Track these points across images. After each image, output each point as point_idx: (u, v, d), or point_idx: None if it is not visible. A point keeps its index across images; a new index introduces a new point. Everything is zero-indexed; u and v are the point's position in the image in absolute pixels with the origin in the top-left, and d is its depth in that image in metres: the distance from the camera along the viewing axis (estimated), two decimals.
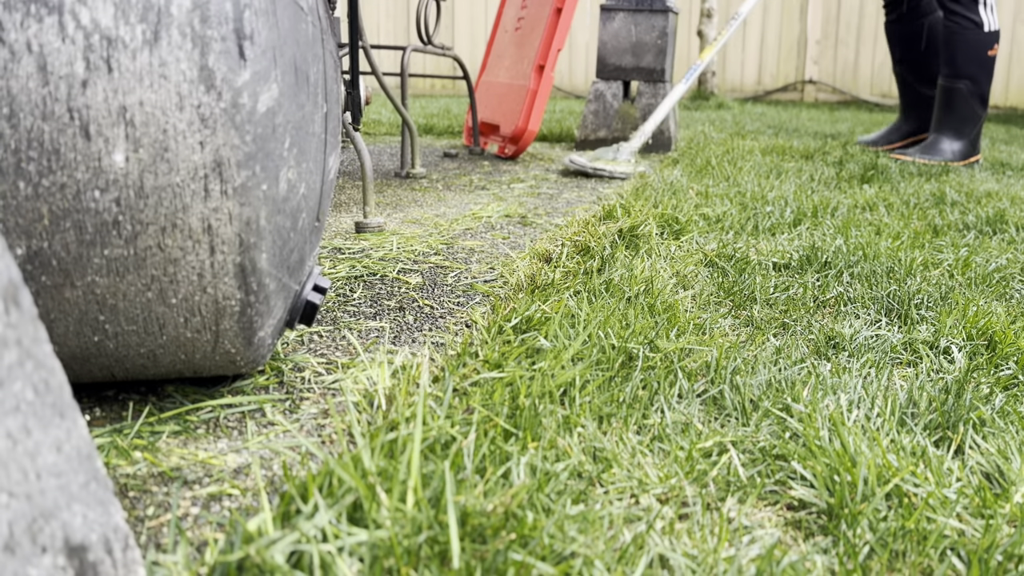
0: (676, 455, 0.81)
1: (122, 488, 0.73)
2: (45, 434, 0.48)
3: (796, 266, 1.62)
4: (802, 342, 1.18)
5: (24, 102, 0.70)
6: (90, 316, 0.78)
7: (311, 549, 0.58)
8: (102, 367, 0.84)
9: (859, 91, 8.81)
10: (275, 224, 0.80)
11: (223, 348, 0.83)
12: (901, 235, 1.94)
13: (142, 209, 0.73)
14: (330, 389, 0.96)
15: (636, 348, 1.05)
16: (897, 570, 0.65)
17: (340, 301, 1.30)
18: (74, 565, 0.49)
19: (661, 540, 0.66)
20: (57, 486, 0.48)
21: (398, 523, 0.62)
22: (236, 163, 0.74)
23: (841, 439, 0.80)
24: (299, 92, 0.84)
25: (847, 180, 2.86)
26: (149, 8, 0.71)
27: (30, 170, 0.71)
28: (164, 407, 0.90)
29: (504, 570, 0.59)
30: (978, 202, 2.46)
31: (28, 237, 0.73)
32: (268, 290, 0.82)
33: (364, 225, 1.80)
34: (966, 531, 0.69)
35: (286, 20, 0.80)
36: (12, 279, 0.47)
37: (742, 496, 0.75)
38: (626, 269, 1.43)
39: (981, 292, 1.49)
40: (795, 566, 0.62)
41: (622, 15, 3.59)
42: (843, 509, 0.71)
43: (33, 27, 0.69)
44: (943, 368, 1.10)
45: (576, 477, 0.76)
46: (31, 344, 0.48)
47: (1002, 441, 0.85)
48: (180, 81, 0.72)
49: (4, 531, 0.44)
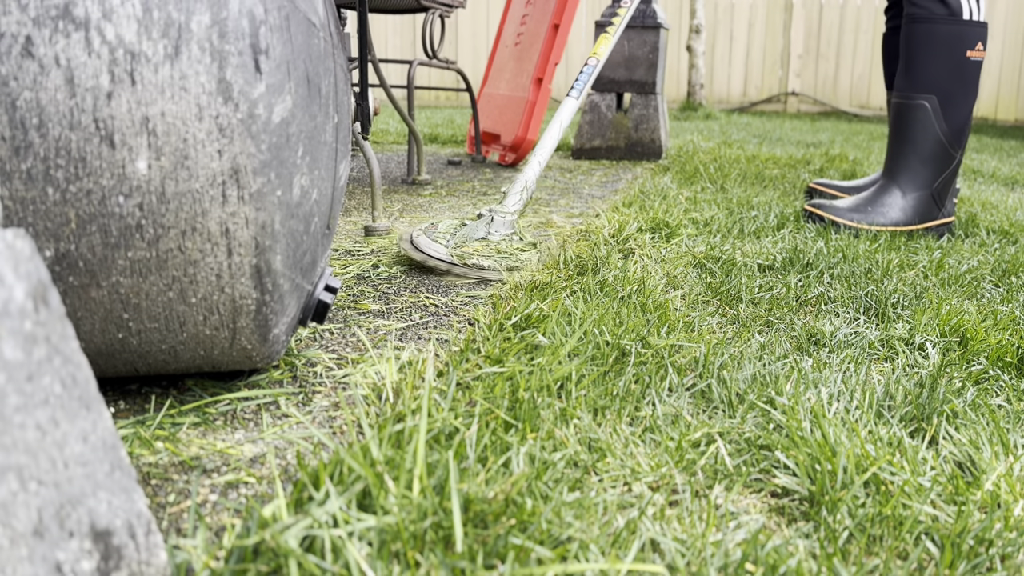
0: (667, 445, 0.81)
1: (145, 476, 0.73)
2: (72, 425, 0.48)
3: (779, 267, 1.62)
4: (785, 339, 1.18)
5: (53, 113, 0.69)
6: (115, 314, 0.78)
7: (323, 534, 0.58)
8: (126, 362, 0.84)
9: (839, 102, 8.81)
10: (289, 228, 0.80)
11: (240, 344, 0.83)
12: (878, 238, 1.94)
13: (164, 214, 0.73)
14: (340, 383, 0.96)
15: (629, 344, 1.05)
16: (875, 554, 0.65)
17: (350, 300, 1.30)
18: (99, 549, 0.49)
19: (652, 525, 0.66)
20: (83, 474, 0.48)
21: (404, 509, 0.62)
22: (252, 170, 0.74)
23: (822, 430, 0.80)
24: (311, 103, 0.84)
25: None
26: (170, 24, 0.71)
27: (58, 177, 0.71)
28: (184, 400, 0.90)
29: (504, 553, 0.59)
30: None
31: (56, 240, 0.73)
32: (282, 290, 0.82)
33: (373, 228, 1.80)
34: (940, 517, 0.69)
35: (299, 36, 0.80)
36: (41, 279, 0.47)
37: (729, 484, 0.75)
38: (619, 270, 1.42)
39: (954, 292, 1.49)
40: (779, 550, 0.62)
41: None
42: (824, 496, 0.71)
43: (61, 42, 0.69)
44: (918, 363, 1.10)
45: (572, 466, 0.76)
46: (59, 341, 0.48)
47: (973, 432, 0.85)
48: (199, 93, 0.72)
49: (34, 517, 0.44)
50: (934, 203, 2.04)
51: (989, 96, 8.22)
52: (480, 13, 9.15)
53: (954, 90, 1.96)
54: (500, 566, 0.58)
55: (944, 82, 1.95)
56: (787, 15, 8.81)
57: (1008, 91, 8.15)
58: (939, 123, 1.95)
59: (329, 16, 0.92)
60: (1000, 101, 8.19)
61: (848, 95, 8.79)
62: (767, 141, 4.84)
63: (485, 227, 1.63)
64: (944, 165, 2.00)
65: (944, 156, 1.99)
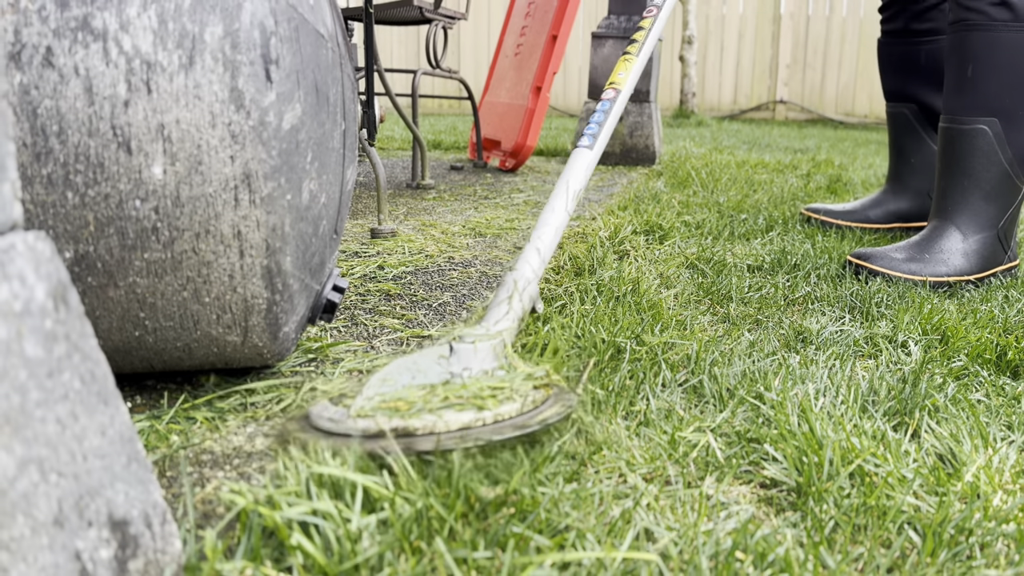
0: (660, 438, 0.81)
1: (160, 468, 0.73)
2: (91, 419, 0.48)
3: (768, 268, 1.62)
4: (774, 337, 1.18)
5: (72, 120, 0.69)
6: (131, 313, 0.78)
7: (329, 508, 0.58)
8: (142, 359, 0.84)
9: (825, 110, 8.80)
10: (298, 230, 0.80)
11: (251, 342, 0.83)
12: (862, 240, 1.94)
13: (178, 217, 0.73)
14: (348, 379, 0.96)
15: (624, 342, 1.05)
16: (859, 542, 0.65)
17: (357, 299, 1.30)
18: (117, 538, 0.49)
19: (647, 515, 0.66)
20: (101, 466, 0.48)
21: (409, 502, 0.62)
22: (263, 175, 0.74)
23: (809, 424, 0.80)
24: (320, 111, 0.84)
25: (814, 191, 2.86)
26: (185, 35, 0.71)
27: (77, 181, 0.71)
28: (198, 395, 0.90)
29: (504, 542, 0.59)
30: None
31: (76, 242, 0.73)
32: (292, 290, 0.82)
33: (379, 231, 1.80)
34: (922, 507, 0.69)
35: (308, 46, 0.80)
36: (61, 280, 0.47)
37: (719, 475, 0.75)
38: (615, 271, 1.42)
39: (935, 291, 1.49)
40: (767, 539, 0.62)
41: (611, 42, 3.59)
42: (811, 487, 0.71)
43: (80, 52, 0.69)
44: (901, 360, 1.10)
45: (570, 458, 0.76)
46: (78, 338, 0.48)
47: (954, 426, 0.85)
48: (213, 101, 0.72)
49: (54, 507, 0.44)
50: (1000, 245, 1.59)
51: None
52: (482, 25, 9.15)
53: (1019, 109, 1.52)
54: (501, 554, 0.58)
55: (1007, 101, 1.52)
56: (775, 27, 8.81)
57: None
58: (1003, 150, 1.52)
59: (337, 27, 0.92)
60: None
61: (834, 103, 8.79)
62: (756, 147, 4.83)
63: (443, 368, 0.84)
64: (1011, 199, 1.56)
65: (1010, 189, 1.55)
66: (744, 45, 8.93)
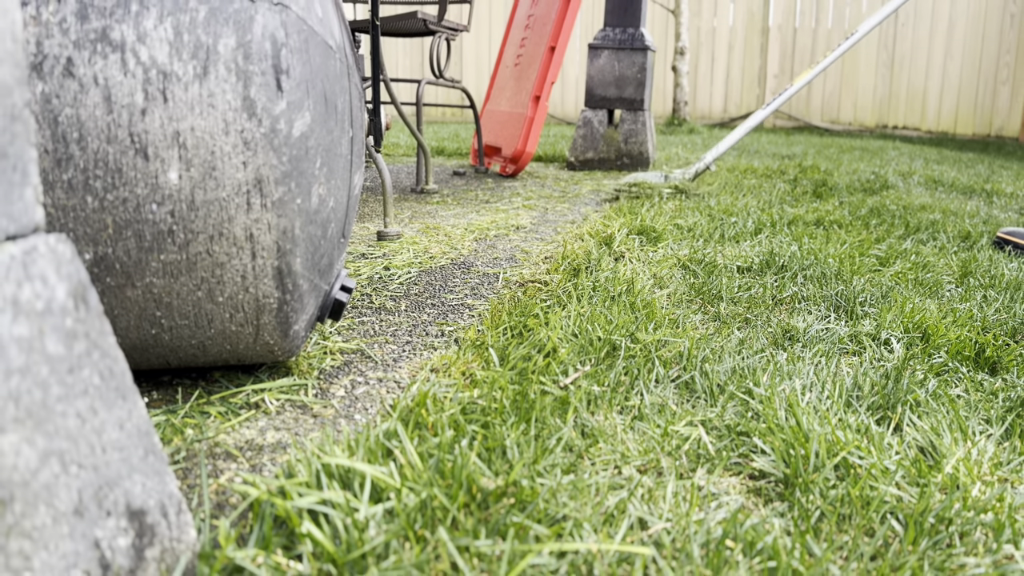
0: (653, 432, 0.81)
1: (175, 460, 0.73)
2: (109, 414, 0.48)
3: (757, 269, 1.62)
4: (762, 335, 1.18)
5: (91, 128, 0.69)
6: (148, 312, 0.78)
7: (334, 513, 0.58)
8: (158, 356, 0.84)
9: (811, 118, 8.80)
10: (308, 233, 0.80)
11: (263, 340, 0.83)
12: (846, 241, 1.94)
13: (193, 220, 0.73)
14: (358, 377, 0.96)
15: (619, 340, 1.05)
16: (844, 531, 0.65)
17: (364, 299, 1.30)
18: (134, 527, 0.49)
19: (641, 505, 0.66)
20: (120, 459, 0.48)
21: (415, 492, 0.62)
22: (274, 180, 0.74)
23: (796, 418, 0.80)
24: (328, 119, 0.84)
25: (801, 195, 2.86)
26: (199, 46, 0.71)
27: (96, 186, 0.71)
28: (212, 391, 0.90)
29: (505, 531, 0.59)
30: (914, 214, 2.45)
31: (95, 244, 0.73)
32: (302, 290, 0.82)
33: (385, 234, 1.80)
34: (904, 497, 0.69)
35: (317, 57, 0.80)
36: (81, 280, 0.47)
37: (710, 467, 0.75)
38: (610, 272, 1.42)
39: (917, 291, 1.49)
40: (756, 528, 0.62)
41: (607, 53, 3.59)
42: (798, 478, 0.71)
43: (99, 63, 0.69)
44: (884, 357, 1.10)
45: (567, 451, 0.76)
46: (97, 336, 0.48)
47: (934, 420, 0.85)
48: (226, 109, 0.72)
49: (74, 497, 0.44)
50: None
51: (949, 112, 8.21)
52: (483, 36, 9.15)
53: None
54: (501, 543, 0.58)
55: None
56: (764, 38, 8.81)
57: (966, 107, 8.14)
58: None
59: (344, 39, 0.92)
60: (959, 117, 8.18)
61: (820, 111, 8.79)
62: (745, 153, 4.83)
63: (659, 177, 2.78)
64: None
65: None
66: (734, 56, 8.93)
